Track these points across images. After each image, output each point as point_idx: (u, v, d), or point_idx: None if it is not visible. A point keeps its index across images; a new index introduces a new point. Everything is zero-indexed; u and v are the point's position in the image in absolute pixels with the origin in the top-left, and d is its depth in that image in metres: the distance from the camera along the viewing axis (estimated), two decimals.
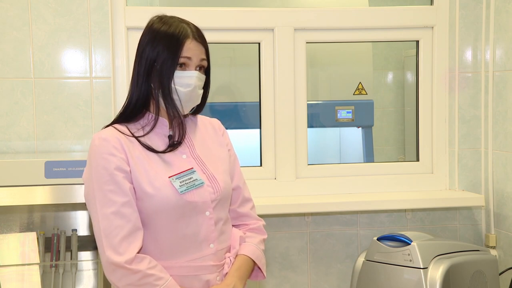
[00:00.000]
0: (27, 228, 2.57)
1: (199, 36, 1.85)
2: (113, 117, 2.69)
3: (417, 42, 3.09)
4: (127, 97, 1.87)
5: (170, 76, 1.80)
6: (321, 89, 3.73)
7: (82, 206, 2.58)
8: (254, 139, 3.10)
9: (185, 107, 1.85)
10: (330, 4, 3.58)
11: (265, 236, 2.02)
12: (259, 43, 2.99)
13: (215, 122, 2.05)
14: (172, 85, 1.80)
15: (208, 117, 2.05)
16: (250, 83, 3.21)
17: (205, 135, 1.97)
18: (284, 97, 2.98)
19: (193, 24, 1.87)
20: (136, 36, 2.80)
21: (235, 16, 2.95)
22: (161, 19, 1.86)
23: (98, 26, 2.73)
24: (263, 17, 2.96)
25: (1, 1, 2.66)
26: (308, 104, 3.03)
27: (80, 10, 2.70)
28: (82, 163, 2.25)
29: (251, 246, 1.94)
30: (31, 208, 2.59)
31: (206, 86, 1.92)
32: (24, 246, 2.42)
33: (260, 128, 3.02)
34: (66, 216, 2.64)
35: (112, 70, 2.75)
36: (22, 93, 2.69)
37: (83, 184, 1.81)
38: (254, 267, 1.95)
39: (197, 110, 1.96)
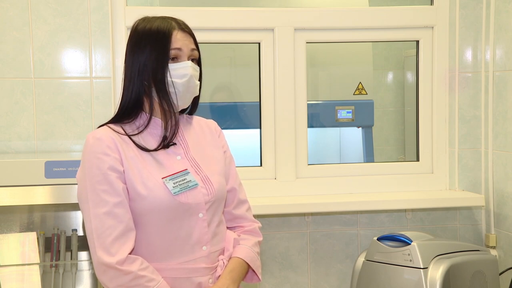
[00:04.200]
0: (27, 228, 2.57)
1: (185, 26, 1.85)
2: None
3: (417, 42, 3.09)
4: (120, 99, 1.86)
5: (164, 70, 1.79)
6: (321, 89, 3.73)
7: None
8: (254, 139, 3.10)
9: (184, 99, 1.83)
10: (330, 4, 3.57)
11: (260, 239, 2.00)
12: (259, 43, 2.99)
13: (212, 123, 2.03)
14: (168, 78, 1.79)
15: (204, 118, 2.03)
16: (250, 83, 3.21)
17: (201, 136, 1.96)
18: (284, 97, 2.98)
19: (177, 18, 1.87)
20: None
21: (235, 16, 2.94)
22: (144, 19, 1.87)
23: (98, 26, 2.73)
24: (263, 17, 2.96)
25: (1, 1, 2.66)
26: (308, 104, 3.03)
27: (80, 10, 2.71)
28: None
29: (245, 248, 1.92)
30: (31, 208, 2.58)
31: (199, 80, 1.89)
32: (24, 246, 2.42)
33: (260, 128, 3.02)
34: (66, 216, 2.64)
35: (112, 70, 2.75)
36: (22, 93, 2.69)
37: None
38: (248, 269, 1.93)
39: (192, 109, 1.95)
